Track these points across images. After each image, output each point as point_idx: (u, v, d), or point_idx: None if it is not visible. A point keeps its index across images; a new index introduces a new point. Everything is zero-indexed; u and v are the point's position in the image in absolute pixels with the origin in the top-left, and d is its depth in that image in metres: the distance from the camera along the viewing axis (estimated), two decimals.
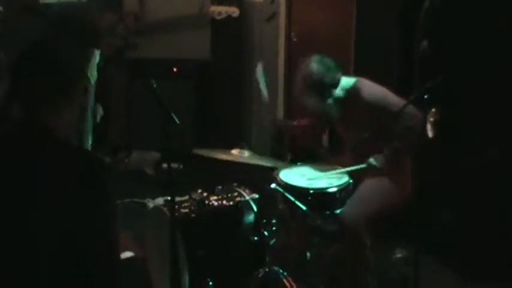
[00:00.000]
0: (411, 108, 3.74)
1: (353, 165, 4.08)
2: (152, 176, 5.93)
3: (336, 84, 3.97)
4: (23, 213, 2.11)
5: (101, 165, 2.25)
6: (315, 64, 3.97)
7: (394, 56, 4.84)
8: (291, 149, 4.94)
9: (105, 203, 2.16)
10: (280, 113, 6.48)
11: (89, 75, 3.74)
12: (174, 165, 5.38)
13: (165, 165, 3.19)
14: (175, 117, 2.99)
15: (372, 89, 4.00)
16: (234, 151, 3.87)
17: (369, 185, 4.09)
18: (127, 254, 4.59)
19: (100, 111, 3.78)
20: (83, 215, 2.10)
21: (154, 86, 3.08)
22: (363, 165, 3.99)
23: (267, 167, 3.98)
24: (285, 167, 4.15)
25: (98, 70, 3.80)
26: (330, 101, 3.98)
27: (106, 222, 2.15)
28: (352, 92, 4.02)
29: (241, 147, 3.89)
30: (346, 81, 4.05)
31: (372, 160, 3.98)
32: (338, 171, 4.07)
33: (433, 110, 4.28)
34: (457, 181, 4.42)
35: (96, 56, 3.76)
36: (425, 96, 3.55)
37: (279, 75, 6.42)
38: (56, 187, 2.11)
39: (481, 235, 4.35)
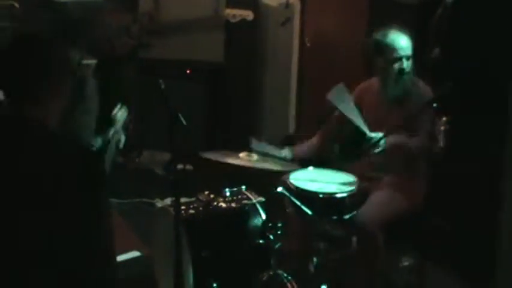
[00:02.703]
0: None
1: (365, 171, 4.11)
2: (162, 176, 5.93)
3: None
4: (8, 207, 2.10)
5: (89, 153, 2.25)
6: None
7: None
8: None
9: (95, 191, 2.16)
10: (292, 122, 6.47)
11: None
12: (185, 166, 5.41)
13: (179, 166, 3.21)
14: (181, 118, 3.00)
15: (427, 90, 4.10)
16: (242, 154, 3.85)
17: (383, 189, 4.12)
18: (134, 253, 4.62)
19: (122, 139, 3.78)
20: (73, 204, 2.10)
21: (162, 86, 3.10)
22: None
23: (275, 171, 3.97)
24: (294, 170, 4.14)
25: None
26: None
27: (98, 211, 2.15)
28: (413, 83, 4.14)
29: (250, 150, 3.88)
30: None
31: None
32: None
33: (444, 118, 4.28)
34: (466, 188, 4.39)
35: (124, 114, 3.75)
36: (435, 105, 3.55)
37: (291, 81, 6.41)
38: (43, 178, 2.11)
39: (489, 242, 4.32)
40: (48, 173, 2.11)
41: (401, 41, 4.10)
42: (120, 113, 3.65)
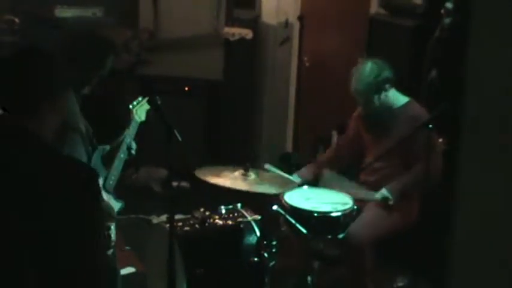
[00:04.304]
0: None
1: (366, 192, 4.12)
2: (159, 193, 5.93)
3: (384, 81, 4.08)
4: (4, 216, 2.11)
5: (87, 170, 2.26)
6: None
7: (404, 81, 4.85)
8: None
9: (90, 208, 2.16)
10: (290, 140, 6.48)
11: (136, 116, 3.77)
12: (182, 183, 5.40)
13: (174, 183, 3.22)
14: (177, 135, 3.01)
15: (421, 112, 4.06)
16: (238, 172, 3.86)
17: (376, 207, 4.13)
18: (129, 270, 4.61)
19: (134, 146, 3.81)
20: (67, 219, 2.10)
21: (159, 102, 3.11)
22: (377, 196, 4.01)
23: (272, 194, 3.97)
24: (290, 190, 4.15)
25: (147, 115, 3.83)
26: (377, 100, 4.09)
27: (91, 227, 2.15)
28: (402, 109, 4.13)
29: (246, 169, 3.88)
30: (398, 98, 4.16)
31: (385, 192, 4.00)
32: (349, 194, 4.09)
33: (440, 140, 4.29)
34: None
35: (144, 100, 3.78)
36: (430, 126, 3.57)
37: (289, 99, 6.43)
38: (39, 191, 2.12)
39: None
40: (45, 185, 2.12)
41: (355, 75, 4.15)
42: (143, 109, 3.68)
